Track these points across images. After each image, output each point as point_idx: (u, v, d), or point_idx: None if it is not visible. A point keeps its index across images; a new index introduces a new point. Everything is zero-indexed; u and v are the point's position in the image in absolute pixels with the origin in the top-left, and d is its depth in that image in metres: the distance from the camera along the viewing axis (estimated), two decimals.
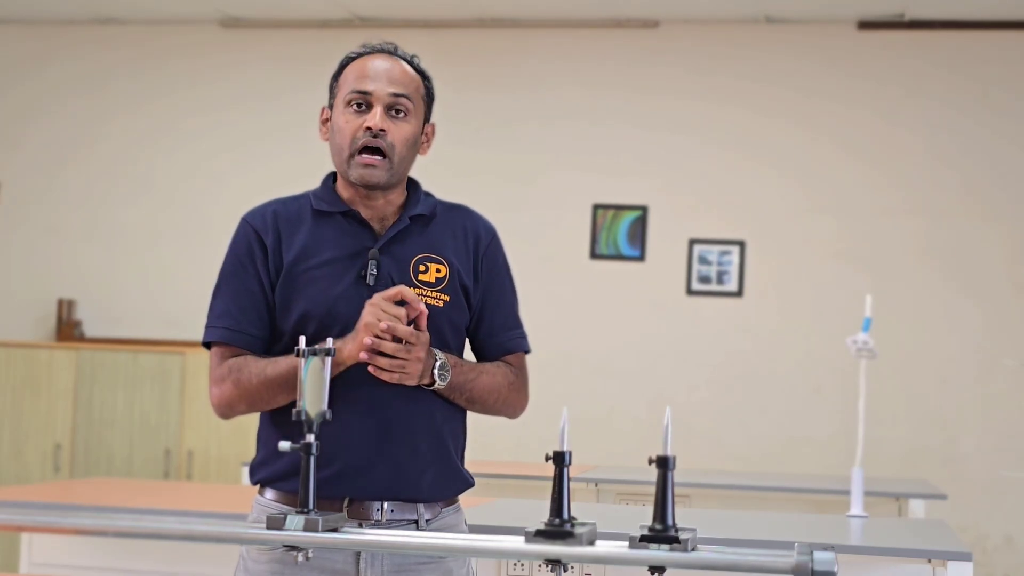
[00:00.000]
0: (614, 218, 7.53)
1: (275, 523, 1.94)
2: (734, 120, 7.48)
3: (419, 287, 2.47)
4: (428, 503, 2.46)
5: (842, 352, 4.85)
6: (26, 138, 8.12)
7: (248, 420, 2.56)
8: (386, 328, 2.35)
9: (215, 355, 2.48)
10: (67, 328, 7.78)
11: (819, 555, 1.73)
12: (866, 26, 7.40)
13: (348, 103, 2.49)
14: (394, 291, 2.37)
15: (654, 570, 1.82)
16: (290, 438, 2.07)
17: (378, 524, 2.41)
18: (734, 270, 7.41)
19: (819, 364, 7.24)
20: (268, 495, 2.47)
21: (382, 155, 2.47)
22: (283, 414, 2.39)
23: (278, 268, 2.48)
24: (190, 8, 7.77)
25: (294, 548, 1.97)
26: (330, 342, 2.05)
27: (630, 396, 7.39)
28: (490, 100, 7.68)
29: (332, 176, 2.59)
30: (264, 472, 2.47)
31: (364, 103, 2.48)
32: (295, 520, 1.93)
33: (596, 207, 7.54)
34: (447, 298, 2.49)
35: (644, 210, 7.51)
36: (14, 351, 7.41)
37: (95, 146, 8.04)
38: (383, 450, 2.42)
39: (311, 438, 1.98)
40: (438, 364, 2.41)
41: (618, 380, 7.44)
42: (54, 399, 7.31)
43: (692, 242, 7.45)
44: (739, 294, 7.40)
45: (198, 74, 8.02)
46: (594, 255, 7.54)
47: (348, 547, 2.26)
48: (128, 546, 3.92)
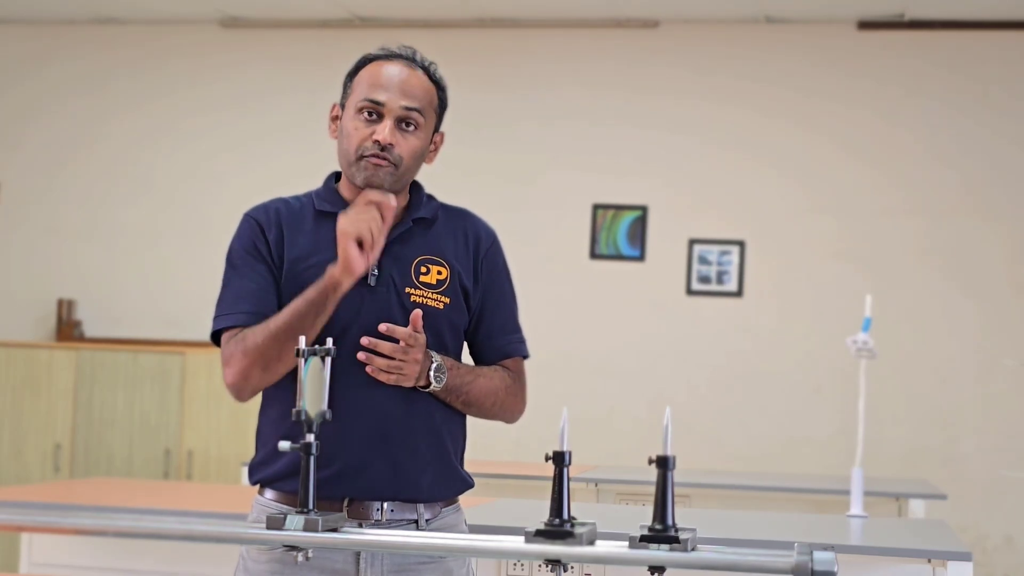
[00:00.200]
0: (614, 218, 7.53)
1: (275, 523, 1.94)
2: (734, 120, 7.47)
3: (420, 288, 2.47)
4: (428, 503, 2.47)
5: (842, 352, 4.85)
6: (26, 138, 8.12)
7: (248, 419, 2.56)
8: (386, 329, 2.36)
9: (225, 339, 2.45)
10: (67, 328, 7.78)
11: (819, 555, 1.73)
12: (866, 26, 7.40)
13: (360, 110, 2.48)
14: (361, 199, 2.36)
15: (654, 570, 1.82)
16: (290, 438, 2.07)
17: (378, 524, 2.41)
18: (734, 270, 7.41)
19: (819, 364, 7.24)
20: (268, 495, 2.47)
21: (388, 162, 2.46)
22: (283, 414, 2.39)
23: (280, 266, 2.48)
24: (190, 8, 7.77)
25: (294, 548, 1.97)
26: (329, 342, 2.05)
27: (630, 396, 7.39)
28: (490, 100, 7.67)
29: (334, 176, 2.60)
30: (264, 472, 2.48)
31: (375, 113, 2.47)
32: (295, 520, 1.93)
33: (596, 207, 7.54)
34: (447, 300, 2.49)
35: (644, 210, 7.51)
36: (14, 351, 7.41)
37: (95, 146, 8.04)
38: (382, 450, 2.42)
39: (311, 438, 1.98)
40: (434, 366, 2.42)
41: (618, 380, 7.43)
42: (54, 399, 7.31)
43: (692, 242, 7.45)
44: (739, 294, 7.40)
45: (198, 74, 8.01)
46: (594, 255, 7.54)
47: (348, 547, 2.26)
48: (128, 546, 3.92)
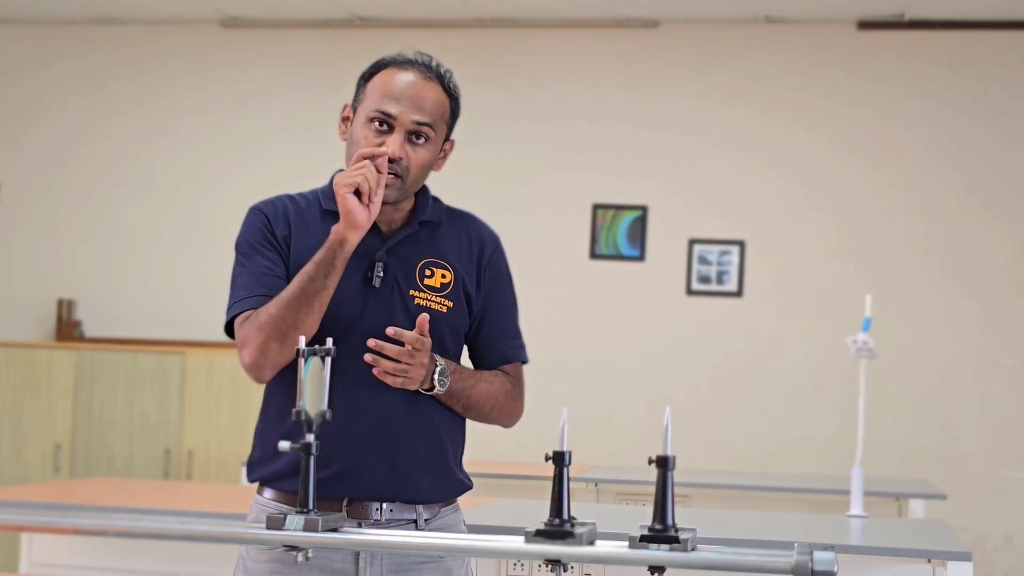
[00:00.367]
0: (614, 218, 7.52)
1: (275, 523, 1.93)
2: (734, 120, 7.47)
3: (424, 291, 2.48)
4: (427, 504, 2.47)
5: (842, 352, 4.85)
6: (26, 138, 8.12)
7: (248, 419, 2.56)
8: (393, 333, 2.37)
9: (238, 324, 2.42)
10: (67, 328, 7.78)
11: (819, 555, 1.73)
12: (866, 26, 7.40)
13: (371, 119, 2.46)
14: (356, 155, 2.39)
15: (654, 570, 1.82)
16: (289, 437, 2.07)
17: (377, 524, 2.41)
18: (734, 270, 7.41)
19: (819, 364, 7.24)
20: (266, 495, 2.47)
21: (395, 175, 2.45)
22: (282, 412, 2.39)
23: (285, 263, 2.48)
24: (190, 8, 7.77)
25: (294, 548, 1.97)
26: (329, 342, 2.05)
27: (630, 396, 7.38)
28: (490, 100, 7.67)
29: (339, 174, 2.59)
30: (262, 471, 2.48)
31: (387, 125, 2.46)
32: (295, 520, 1.93)
33: (596, 207, 7.54)
34: (451, 304, 2.50)
35: (644, 210, 7.51)
36: (14, 351, 7.41)
37: (95, 146, 8.04)
38: (382, 451, 2.42)
39: (311, 438, 1.98)
40: (438, 369, 2.42)
41: (618, 380, 7.43)
42: (54, 399, 7.31)
43: (692, 242, 7.45)
44: (739, 294, 7.40)
45: (198, 74, 8.01)
46: (594, 255, 7.54)
47: (348, 547, 2.26)
48: (128, 546, 3.92)
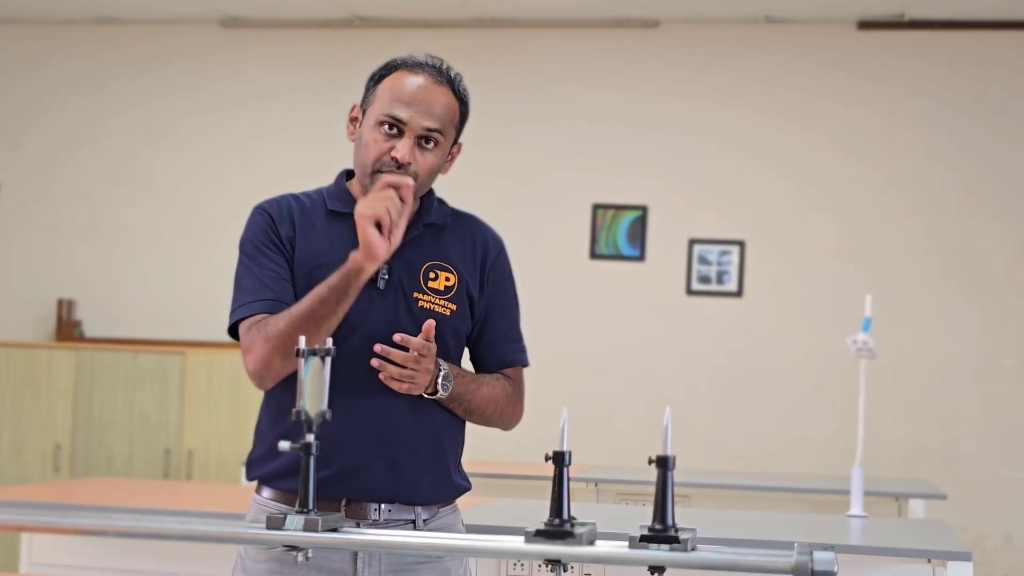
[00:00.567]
0: (614, 218, 7.52)
1: (275, 523, 1.93)
2: (734, 120, 7.47)
3: (428, 294, 2.48)
4: (425, 505, 2.47)
5: (842, 352, 4.85)
6: (26, 138, 8.12)
7: (248, 419, 2.56)
8: (400, 339, 2.36)
9: (245, 328, 2.43)
10: (67, 328, 7.78)
11: (819, 555, 1.73)
12: (866, 26, 7.40)
13: (380, 123, 2.45)
14: (379, 183, 2.37)
15: (654, 570, 1.82)
16: (289, 437, 2.07)
17: (375, 524, 2.41)
18: (734, 270, 7.41)
19: (819, 364, 7.24)
20: (265, 494, 2.47)
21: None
22: (282, 411, 2.39)
23: (289, 264, 2.48)
24: (190, 8, 7.77)
25: (293, 548, 1.97)
26: (330, 342, 2.04)
27: (630, 396, 7.38)
28: (490, 100, 7.66)
29: (345, 174, 2.58)
30: (262, 469, 2.48)
31: (396, 129, 2.45)
32: (295, 520, 1.93)
33: (596, 207, 7.54)
34: (454, 307, 2.50)
35: (644, 210, 7.51)
36: (14, 351, 7.41)
37: (95, 146, 8.04)
38: (381, 452, 2.42)
39: (311, 438, 1.98)
40: (442, 374, 2.42)
41: (618, 380, 7.43)
42: (54, 399, 7.31)
43: (692, 242, 7.45)
44: (739, 294, 7.40)
45: (198, 74, 8.01)
46: (594, 255, 7.54)
47: (348, 547, 2.27)
48: (128, 546, 3.92)
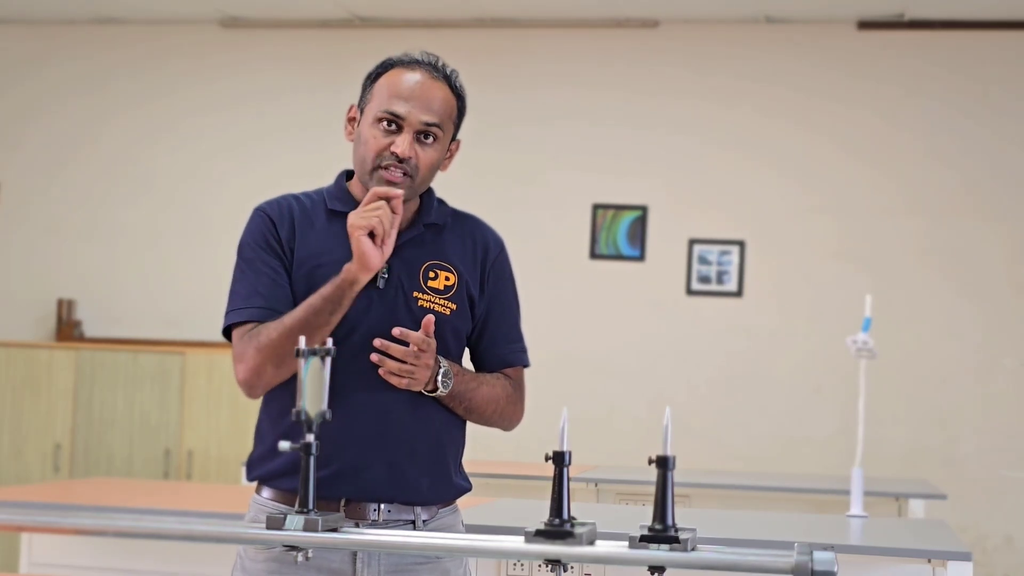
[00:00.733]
0: (614, 218, 7.52)
1: (275, 523, 1.93)
2: (734, 120, 7.47)
3: (428, 293, 2.47)
4: (425, 505, 2.47)
5: (842, 352, 4.85)
6: (26, 138, 8.12)
7: (248, 419, 2.56)
8: (399, 333, 2.36)
9: (236, 336, 2.44)
10: (67, 328, 7.78)
11: (819, 555, 1.73)
12: (866, 26, 7.40)
13: (379, 120, 2.46)
14: (370, 195, 2.37)
15: (654, 570, 1.82)
16: (289, 437, 2.07)
17: (375, 524, 2.41)
18: (734, 270, 7.41)
19: (819, 364, 7.24)
20: (265, 494, 2.47)
21: (405, 174, 2.46)
22: (282, 411, 2.39)
23: (290, 261, 2.48)
24: (190, 8, 7.77)
25: (293, 548, 1.97)
26: (330, 342, 2.04)
27: (630, 396, 7.38)
28: (490, 100, 7.66)
29: (345, 174, 2.58)
30: (262, 469, 2.48)
31: (395, 125, 2.46)
32: (295, 520, 1.93)
33: (596, 207, 7.54)
34: (454, 306, 2.50)
35: (644, 210, 7.51)
36: (14, 351, 7.41)
37: (95, 146, 8.04)
38: (381, 452, 2.42)
39: (311, 438, 1.98)
40: (442, 371, 2.42)
41: (618, 380, 7.43)
42: (54, 399, 7.31)
43: (692, 242, 7.45)
44: (739, 294, 7.40)
45: (198, 74, 8.01)
46: (594, 255, 7.54)
47: (348, 547, 2.27)
48: (128, 546, 3.92)
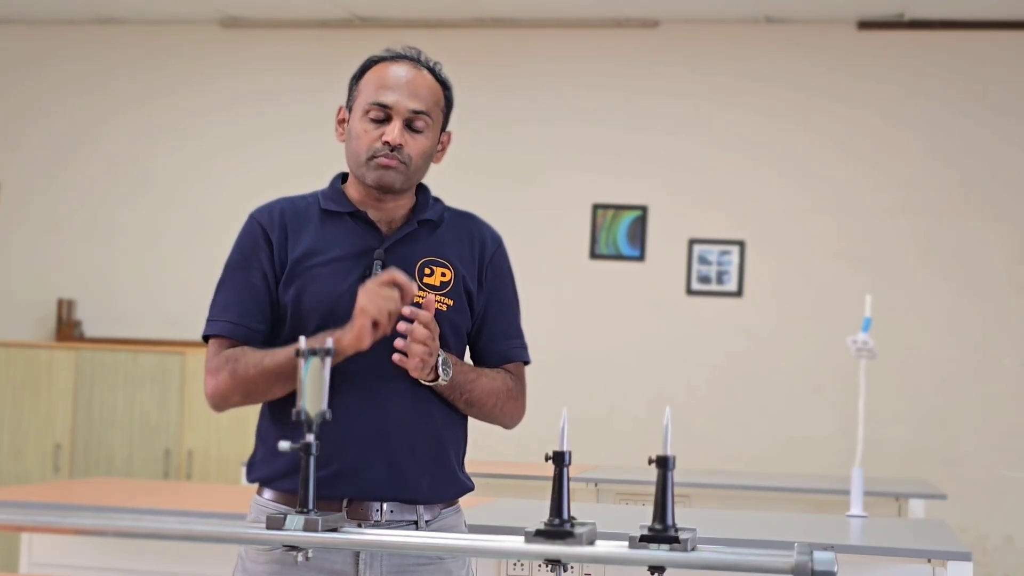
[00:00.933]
0: (614, 218, 7.52)
1: (275, 523, 1.93)
2: (734, 120, 7.47)
3: (424, 290, 2.47)
4: (427, 505, 2.46)
5: (842, 352, 4.85)
6: (26, 138, 8.12)
7: (248, 419, 2.57)
8: (409, 313, 2.35)
9: (213, 347, 2.49)
10: (67, 328, 7.78)
11: (819, 555, 1.73)
12: (866, 26, 7.40)
13: (367, 113, 2.48)
14: (386, 276, 2.36)
15: (654, 570, 1.82)
16: (289, 437, 2.07)
17: (377, 524, 2.41)
18: (734, 270, 7.41)
19: (819, 364, 7.24)
20: (266, 495, 2.47)
21: (399, 161, 2.47)
22: (283, 412, 2.39)
23: (283, 264, 2.48)
24: (190, 8, 7.77)
25: (294, 548, 1.97)
26: (329, 342, 2.04)
27: (630, 396, 7.38)
28: (490, 100, 7.67)
29: (340, 177, 2.60)
30: (262, 471, 2.48)
31: (384, 115, 2.48)
32: (295, 520, 1.93)
33: (596, 207, 7.54)
34: (451, 302, 2.49)
35: (644, 210, 7.51)
36: (14, 351, 7.41)
37: (95, 146, 8.04)
38: (381, 450, 2.42)
39: (311, 438, 1.98)
40: (440, 359, 2.42)
41: (618, 380, 7.43)
42: (54, 399, 7.31)
43: (692, 242, 7.45)
44: (739, 294, 7.40)
45: (198, 74, 8.01)
46: (594, 255, 7.54)
47: (348, 547, 2.26)
48: (128, 546, 3.91)
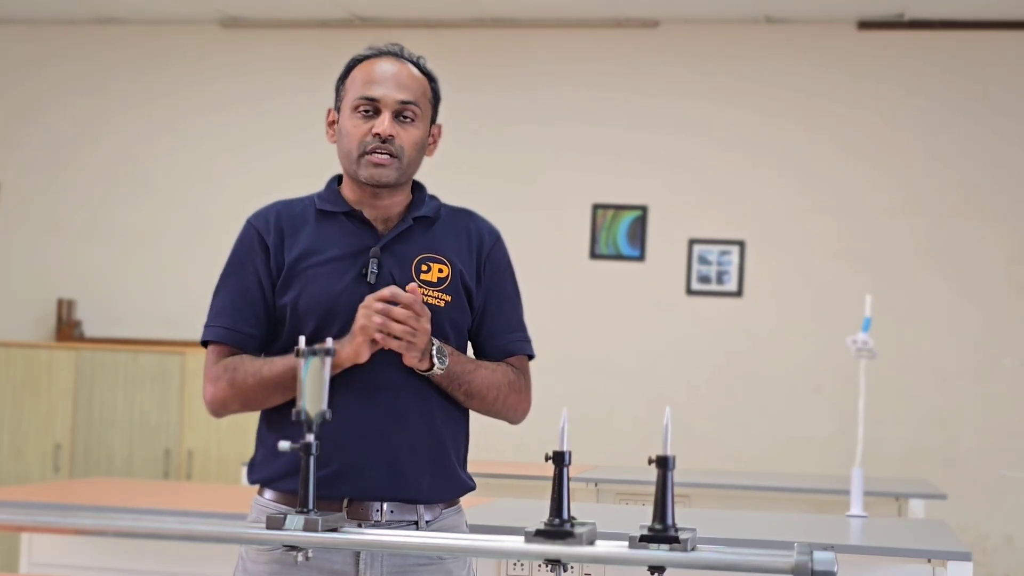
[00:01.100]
0: (614, 218, 7.52)
1: (275, 523, 1.93)
2: (734, 120, 7.47)
3: (421, 286, 2.47)
4: (428, 504, 2.46)
5: (842, 352, 4.85)
6: (26, 138, 8.12)
7: (248, 419, 2.57)
8: (390, 294, 2.36)
9: (211, 353, 2.51)
10: (67, 328, 7.78)
11: (819, 555, 1.73)
12: (866, 26, 7.40)
13: (356, 108, 2.49)
14: (387, 291, 2.37)
15: (654, 570, 1.82)
16: (290, 438, 2.07)
17: (377, 525, 2.41)
18: (734, 270, 7.41)
19: (819, 364, 7.24)
20: (267, 495, 2.48)
21: (392, 155, 2.48)
22: (283, 413, 2.39)
23: (279, 267, 2.49)
24: (190, 8, 7.77)
25: (294, 548, 1.97)
26: (329, 342, 2.05)
27: (630, 396, 7.38)
28: (490, 100, 7.67)
29: (336, 179, 2.60)
30: (263, 472, 2.48)
31: (372, 109, 2.49)
32: (295, 520, 1.93)
33: (596, 207, 7.54)
34: (449, 298, 2.49)
35: (644, 210, 7.51)
36: (14, 351, 7.41)
37: (95, 146, 8.04)
38: (381, 449, 2.42)
39: (311, 438, 1.98)
40: (435, 347, 2.41)
41: (618, 380, 7.43)
42: (54, 399, 7.31)
43: (692, 242, 7.45)
44: (739, 294, 7.40)
45: (198, 74, 8.01)
46: (594, 255, 7.54)
47: (348, 547, 2.26)
48: (128, 546, 3.92)
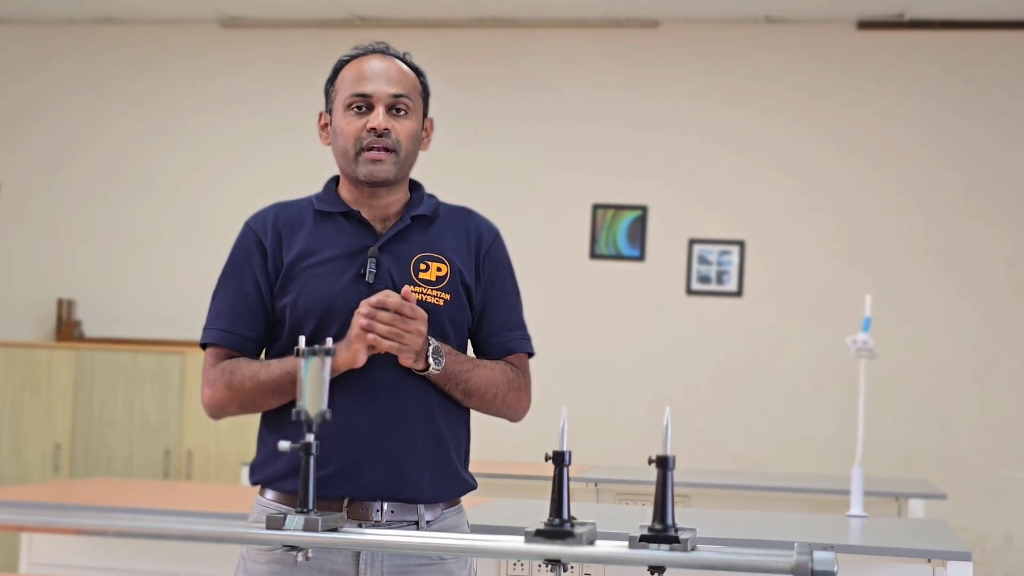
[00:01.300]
0: (614, 218, 7.52)
1: (275, 523, 1.94)
2: (734, 120, 7.47)
3: (420, 285, 2.47)
4: (428, 504, 2.46)
5: (842, 352, 4.85)
6: (26, 138, 8.12)
7: (248, 420, 2.57)
8: (376, 302, 2.35)
9: (209, 356, 2.52)
10: (67, 328, 7.78)
11: (819, 555, 1.73)
12: (866, 26, 7.40)
13: (349, 106, 2.50)
14: (375, 298, 2.37)
15: (654, 570, 1.82)
16: (290, 438, 2.07)
17: (378, 525, 2.41)
18: (734, 270, 7.41)
19: (819, 364, 7.24)
20: (268, 495, 2.48)
21: (388, 150, 2.48)
22: (282, 415, 2.40)
23: (278, 268, 2.49)
24: (190, 8, 7.77)
25: (294, 548, 1.97)
26: (329, 342, 2.05)
27: (630, 396, 7.38)
28: (490, 100, 7.67)
29: (333, 180, 2.60)
30: (264, 472, 2.48)
31: (365, 105, 2.49)
32: (295, 520, 1.93)
33: (596, 207, 7.54)
34: (448, 297, 2.49)
35: (644, 210, 7.51)
36: (14, 351, 7.41)
37: (95, 146, 8.04)
38: (380, 449, 2.42)
39: (311, 438, 1.98)
40: (431, 347, 2.41)
41: (618, 380, 7.43)
42: (54, 399, 7.31)
43: (692, 242, 7.45)
44: (739, 294, 7.40)
45: (198, 74, 8.01)
46: (594, 255, 7.54)
47: (348, 547, 2.26)
48: (128, 546, 3.92)
